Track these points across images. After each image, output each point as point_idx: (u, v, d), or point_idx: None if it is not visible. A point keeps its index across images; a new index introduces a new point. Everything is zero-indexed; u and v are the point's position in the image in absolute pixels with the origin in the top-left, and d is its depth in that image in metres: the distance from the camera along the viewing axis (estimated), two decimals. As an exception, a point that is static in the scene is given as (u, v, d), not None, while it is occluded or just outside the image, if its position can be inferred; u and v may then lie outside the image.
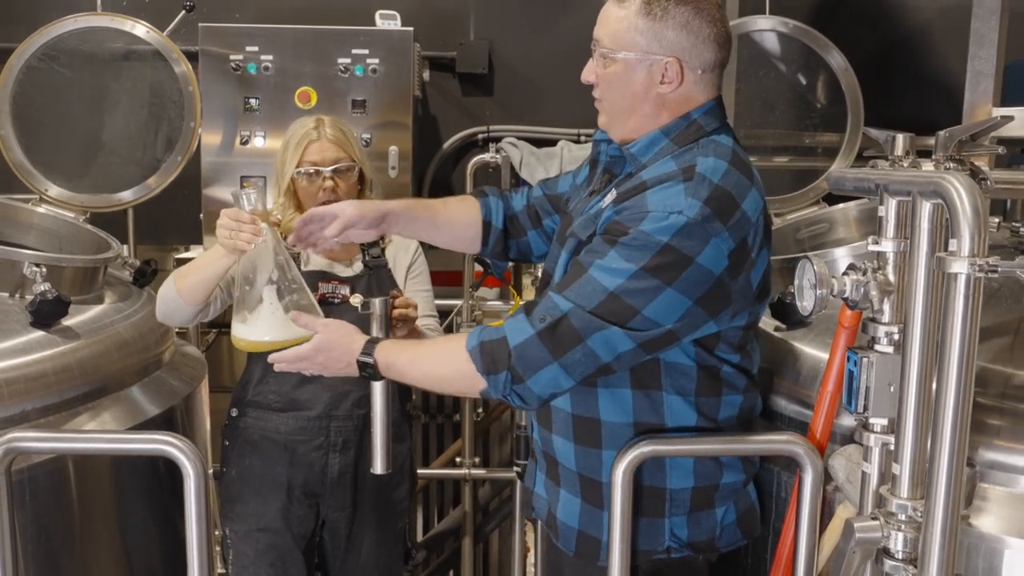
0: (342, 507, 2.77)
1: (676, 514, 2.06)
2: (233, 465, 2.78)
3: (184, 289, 2.49)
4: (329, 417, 2.70)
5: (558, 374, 1.88)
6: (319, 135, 2.70)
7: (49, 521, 2.36)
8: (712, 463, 2.06)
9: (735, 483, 2.10)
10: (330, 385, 2.66)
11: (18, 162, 3.33)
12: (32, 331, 2.50)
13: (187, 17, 3.69)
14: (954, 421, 1.55)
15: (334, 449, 2.71)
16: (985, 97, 2.33)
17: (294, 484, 2.73)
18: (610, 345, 1.86)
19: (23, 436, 2.04)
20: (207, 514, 1.98)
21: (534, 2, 4.30)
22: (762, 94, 3.65)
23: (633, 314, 1.84)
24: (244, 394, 2.76)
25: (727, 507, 2.09)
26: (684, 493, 2.05)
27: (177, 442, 1.98)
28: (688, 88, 1.98)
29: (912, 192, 1.67)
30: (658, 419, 2.02)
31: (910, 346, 1.69)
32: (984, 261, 1.47)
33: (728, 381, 2.05)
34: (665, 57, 1.95)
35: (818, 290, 1.77)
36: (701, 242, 1.83)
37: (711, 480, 2.06)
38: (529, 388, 1.90)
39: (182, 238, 4.37)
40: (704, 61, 1.97)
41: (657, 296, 1.84)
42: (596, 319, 1.84)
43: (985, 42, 2.29)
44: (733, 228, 1.87)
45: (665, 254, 1.83)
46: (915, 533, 1.68)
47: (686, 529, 2.07)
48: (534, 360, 1.88)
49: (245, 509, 2.75)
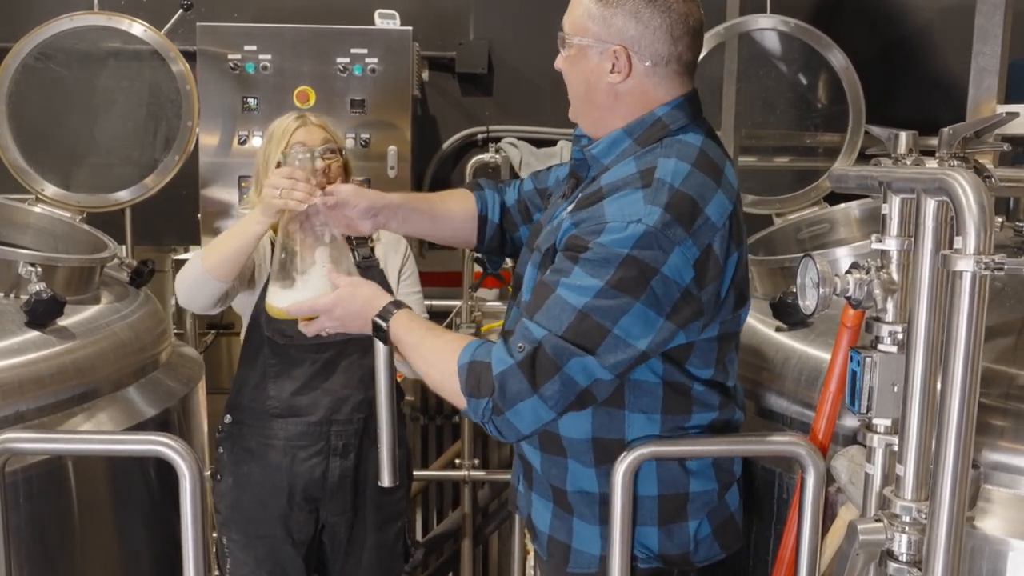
0: (342, 511, 2.74)
1: (643, 523, 1.99)
2: (230, 473, 2.74)
3: (215, 264, 2.43)
4: (330, 422, 2.67)
5: (538, 406, 1.80)
6: (304, 122, 2.68)
7: (45, 522, 2.35)
8: (678, 469, 1.99)
9: (707, 493, 2.03)
10: (330, 390, 2.64)
11: (14, 161, 3.31)
12: (27, 331, 2.48)
13: (185, 16, 3.67)
14: (959, 421, 1.53)
15: (334, 454, 2.69)
16: (989, 94, 2.31)
17: (295, 490, 2.70)
18: (587, 371, 1.79)
19: (17, 437, 2.02)
20: (203, 516, 1.97)
21: (534, 2, 4.28)
22: (763, 93, 3.64)
23: (604, 334, 1.78)
24: (239, 400, 2.73)
25: (701, 520, 2.02)
26: (650, 501, 1.99)
27: (172, 443, 1.96)
28: (641, 81, 1.90)
29: (916, 189, 1.66)
30: (619, 435, 1.96)
31: (914, 345, 1.67)
32: (990, 259, 1.45)
33: (699, 399, 1.98)
34: (613, 45, 1.88)
35: (821, 289, 1.75)
36: (664, 252, 1.76)
37: (678, 488, 2.00)
38: (509, 421, 1.82)
39: (180, 238, 4.35)
40: (655, 53, 1.88)
41: (627, 312, 1.77)
42: (569, 346, 1.78)
43: (989, 38, 2.28)
44: (696, 234, 1.79)
45: (628, 266, 1.76)
46: (919, 535, 1.66)
47: (656, 541, 2.01)
48: (514, 393, 1.80)
49: (244, 517, 2.72)
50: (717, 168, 1.89)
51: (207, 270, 2.46)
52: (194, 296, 2.53)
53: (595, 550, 2.03)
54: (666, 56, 1.89)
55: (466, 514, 4.36)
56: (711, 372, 1.97)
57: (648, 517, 1.99)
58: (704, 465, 2.02)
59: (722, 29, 3.54)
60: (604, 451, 1.97)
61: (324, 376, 2.65)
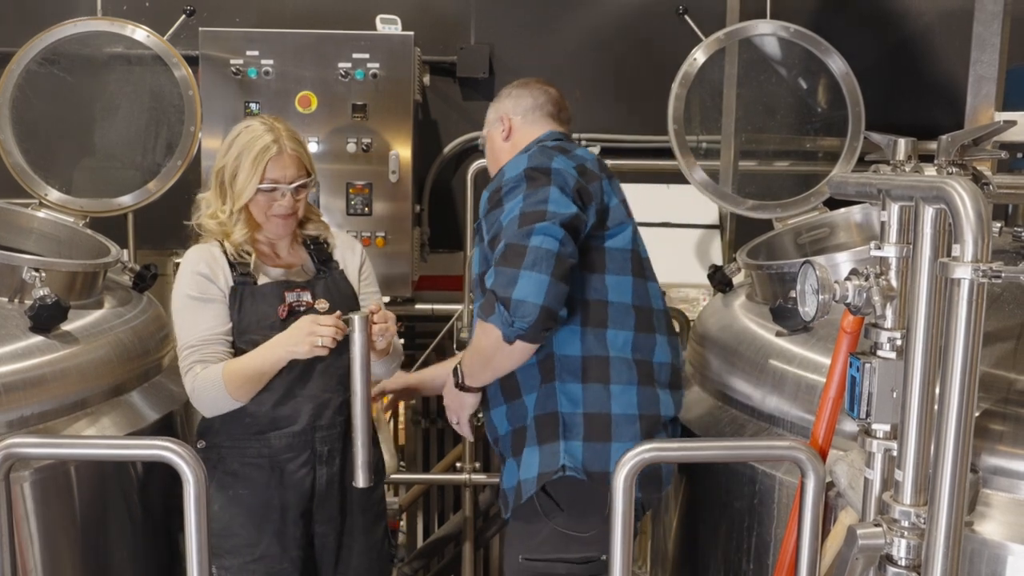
0: (330, 519, 2.65)
1: (570, 438, 2.35)
2: (214, 500, 2.57)
3: (240, 391, 2.49)
4: (313, 429, 2.56)
5: (531, 275, 2.21)
6: (279, 148, 2.55)
7: (52, 526, 2.36)
8: (602, 391, 2.36)
9: (627, 417, 2.36)
10: (311, 395, 2.55)
11: (18, 166, 3.32)
12: (31, 336, 2.49)
13: (187, 21, 3.69)
14: (958, 427, 1.54)
15: (320, 461, 2.59)
16: (987, 101, 2.32)
17: (287, 505, 2.60)
18: (549, 232, 2.25)
19: (21, 442, 2.02)
20: (208, 521, 1.97)
21: (535, 6, 4.30)
22: (763, 99, 3.65)
23: (543, 215, 2.28)
24: (211, 424, 2.60)
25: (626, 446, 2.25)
26: (576, 417, 2.36)
27: (177, 447, 1.95)
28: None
29: (915, 197, 1.67)
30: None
31: (913, 351, 1.68)
32: (988, 266, 1.47)
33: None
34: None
35: (820, 295, 1.76)
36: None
37: (601, 408, 2.36)
38: (515, 302, 2.21)
39: (182, 243, 4.33)
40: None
41: (548, 189, 2.32)
42: (524, 227, 2.26)
43: (987, 46, 2.29)
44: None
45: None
46: (918, 540, 1.67)
47: (580, 454, 2.35)
48: (507, 281, 2.23)
49: (237, 541, 2.60)
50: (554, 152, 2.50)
51: (232, 395, 2.48)
52: (213, 411, 2.54)
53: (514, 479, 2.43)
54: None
55: (467, 517, 4.37)
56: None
57: (574, 433, 2.36)
58: (628, 391, 2.38)
59: (722, 35, 3.55)
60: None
61: (303, 383, 2.56)
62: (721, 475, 2.46)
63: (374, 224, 3.84)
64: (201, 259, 2.58)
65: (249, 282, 2.57)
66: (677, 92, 3.51)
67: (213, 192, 2.64)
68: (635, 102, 4.29)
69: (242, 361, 2.50)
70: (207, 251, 2.60)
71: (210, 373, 2.48)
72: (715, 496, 2.51)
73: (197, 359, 2.50)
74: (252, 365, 2.49)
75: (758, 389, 2.51)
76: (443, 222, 4.33)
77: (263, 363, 2.49)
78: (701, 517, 2.65)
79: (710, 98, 3.62)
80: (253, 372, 2.49)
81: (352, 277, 2.72)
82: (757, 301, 2.87)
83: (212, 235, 2.62)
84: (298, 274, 2.66)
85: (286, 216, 2.58)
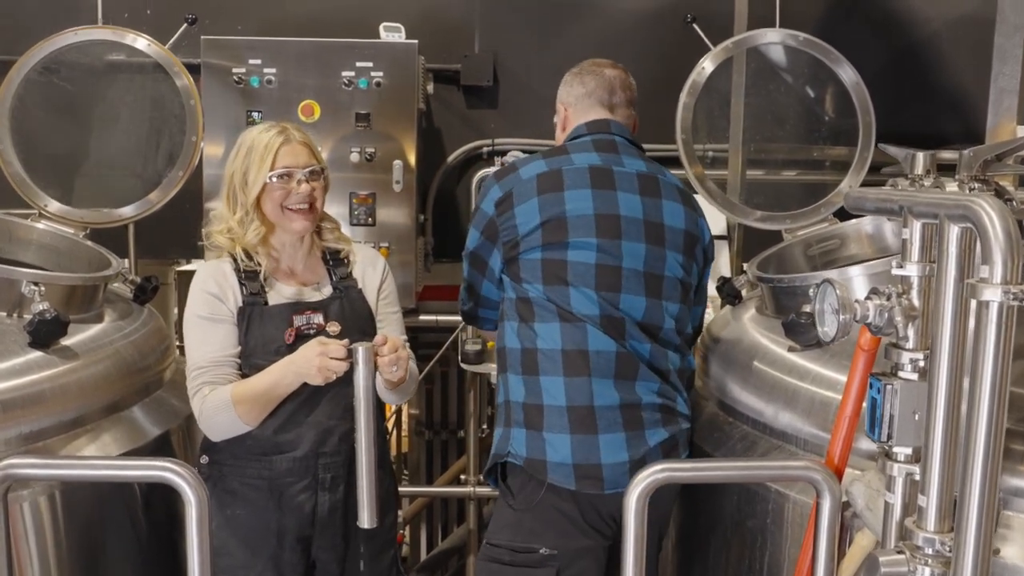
0: (333, 545, 2.58)
1: (516, 425, 2.48)
2: (213, 517, 2.46)
3: (251, 414, 2.46)
4: (316, 455, 2.51)
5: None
6: (287, 138, 2.52)
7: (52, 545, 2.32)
8: (534, 383, 2.46)
9: (557, 408, 2.43)
10: (315, 423, 2.49)
11: (17, 177, 3.28)
12: (30, 351, 2.46)
13: (189, 30, 3.65)
14: (986, 452, 1.50)
15: (323, 487, 2.54)
16: (1009, 114, 2.28)
17: (284, 529, 2.54)
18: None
19: (21, 463, 1.99)
20: (210, 542, 1.93)
21: (539, 14, 4.27)
22: (772, 108, 3.61)
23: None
24: (215, 441, 2.56)
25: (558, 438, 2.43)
26: (517, 407, 2.48)
27: (178, 468, 1.92)
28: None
29: (939, 215, 1.62)
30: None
31: (937, 373, 1.64)
32: (1019, 288, 1.42)
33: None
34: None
35: (841, 316, 1.72)
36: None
37: (536, 399, 2.46)
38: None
39: (183, 252, 4.32)
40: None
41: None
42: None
43: (1009, 58, 2.25)
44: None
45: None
46: (943, 568, 1.62)
47: (523, 441, 2.46)
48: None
49: (232, 562, 2.54)
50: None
51: (241, 418, 2.45)
52: (220, 435, 2.50)
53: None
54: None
55: (471, 530, 4.33)
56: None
57: (517, 421, 2.48)
58: (557, 383, 2.44)
59: (730, 44, 3.52)
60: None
61: (308, 409, 2.50)
62: (733, 493, 2.42)
63: (378, 234, 3.80)
64: (211, 277, 2.53)
65: (259, 303, 2.51)
66: (685, 101, 3.47)
67: (224, 203, 2.58)
68: (642, 111, 4.27)
69: (251, 382, 2.46)
70: (217, 268, 2.55)
71: (218, 395, 2.44)
72: (726, 514, 2.47)
73: (206, 380, 2.46)
74: (261, 387, 2.44)
75: (770, 405, 2.46)
76: (447, 232, 4.29)
77: (274, 385, 2.44)
78: (708, 535, 2.61)
79: (718, 107, 3.58)
80: (262, 393, 2.44)
81: (370, 296, 2.64)
82: (767, 314, 2.83)
83: (222, 248, 2.56)
84: (313, 292, 2.60)
85: (303, 209, 2.50)
